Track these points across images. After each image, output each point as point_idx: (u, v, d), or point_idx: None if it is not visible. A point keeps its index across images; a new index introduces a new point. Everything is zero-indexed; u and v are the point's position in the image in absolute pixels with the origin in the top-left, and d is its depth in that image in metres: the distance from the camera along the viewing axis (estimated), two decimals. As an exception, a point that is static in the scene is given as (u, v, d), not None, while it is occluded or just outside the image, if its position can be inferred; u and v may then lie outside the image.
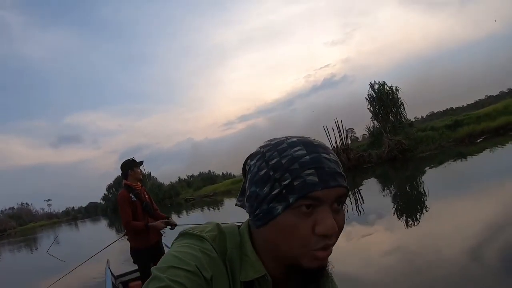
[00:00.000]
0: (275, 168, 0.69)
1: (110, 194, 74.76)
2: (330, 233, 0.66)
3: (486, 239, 5.20)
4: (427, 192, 10.43)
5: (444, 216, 7.34)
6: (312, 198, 0.66)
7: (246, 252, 0.74)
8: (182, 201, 46.75)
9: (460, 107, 54.64)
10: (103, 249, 5.88)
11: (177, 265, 0.66)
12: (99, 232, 31.68)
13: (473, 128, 21.17)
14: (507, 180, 8.79)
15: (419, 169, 17.01)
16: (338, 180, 0.68)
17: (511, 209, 6.41)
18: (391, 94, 26.49)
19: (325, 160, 0.68)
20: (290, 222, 0.67)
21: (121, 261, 7.02)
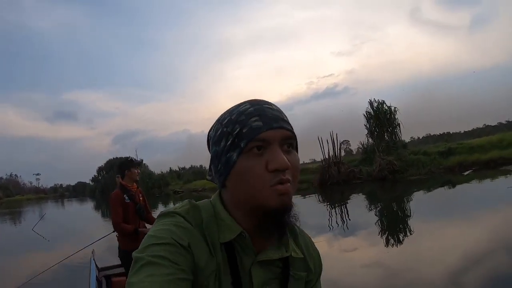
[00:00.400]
0: (227, 124, 0.77)
1: (100, 176, 74.55)
2: (282, 167, 0.71)
3: (461, 261, 5.57)
4: (411, 214, 10.73)
5: (425, 238, 7.61)
6: (260, 140, 0.72)
7: (220, 217, 0.79)
8: (171, 192, 46.66)
9: (457, 132, 54.86)
10: (90, 244, 5.78)
11: (154, 242, 0.70)
12: (86, 214, 31.57)
13: (464, 158, 21.30)
14: (490, 212, 9.25)
15: (407, 191, 17.12)
16: (280, 123, 0.75)
17: (489, 237, 6.80)
18: (388, 113, 26.65)
19: (268, 109, 0.76)
20: (245, 164, 0.73)
21: (105, 252, 7.01)
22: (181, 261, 0.68)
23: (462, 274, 5.10)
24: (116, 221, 3.89)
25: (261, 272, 0.80)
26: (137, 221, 4.01)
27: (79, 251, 6.02)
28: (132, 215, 3.97)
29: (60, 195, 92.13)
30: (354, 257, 6.91)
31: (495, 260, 5.53)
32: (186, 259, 0.69)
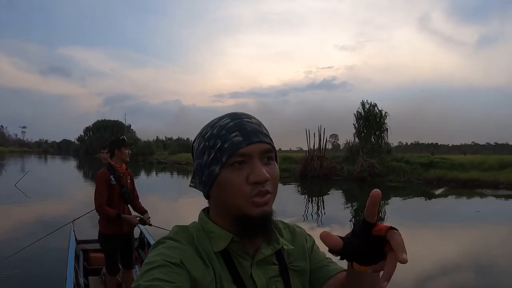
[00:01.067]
0: (209, 138, 0.79)
1: (86, 136, 74.06)
2: (261, 180, 0.74)
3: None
4: (385, 218, 11.03)
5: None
6: (240, 155, 0.75)
7: (209, 229, 0.82)
8: (155, 161, 46.60)
9: (445, 145, 55.51)
10: (71, 222, 5.63)
11: (147, 268, 0.71)
12: (68, 173, 31.43)
13: (444, 173, 21.46)
14: (462, 226, 10.00)
15: (386, 196, 17.37)
16: (259, 137, 0.77)
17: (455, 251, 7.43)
18: (378, 117, 26.76)
19: (247, 123, 0.79)
20: (227, 177, 0.76)
21: (84, 224, 6.93)
22: (176, 279, 0.69)
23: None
24: (99, 203, 3.65)
25: (261, 273, 0.82)
26: (121, 205, 3.81)
27: (58, 229, 5.86)
28: (117, 198, 3.77)
29: (44, 151, 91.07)
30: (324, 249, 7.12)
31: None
32: (180, 276, 0.70)
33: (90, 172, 29.26)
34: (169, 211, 10.91)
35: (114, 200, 3.73)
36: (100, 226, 3.80)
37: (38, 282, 5.27)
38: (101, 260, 4.36)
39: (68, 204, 11.77)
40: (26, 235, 7.18)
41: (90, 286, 4.34)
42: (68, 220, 5.85)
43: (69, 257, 4.18)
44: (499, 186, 18.75)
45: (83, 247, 5.01)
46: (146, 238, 5.05)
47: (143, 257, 4.96)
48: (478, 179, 20.03)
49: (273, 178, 0.78)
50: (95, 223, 3.99)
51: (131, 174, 4.06)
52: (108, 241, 3.77)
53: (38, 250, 6.09)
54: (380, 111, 26.96)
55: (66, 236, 5.26)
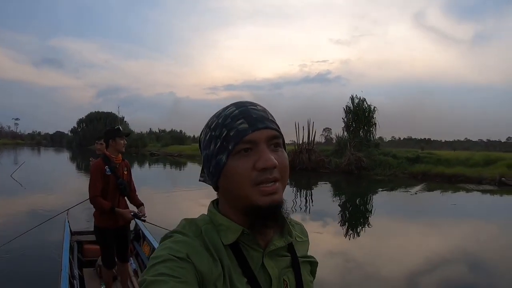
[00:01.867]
0: (215, 128, 0.78)
1: (79, 128, 73.51)
2: (269, 166, 0.73)
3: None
4: (368, 209, 11.69)
5: (381, 232, 8.52)
6: (247, 142, 0.74)
7: (218, 222, 0.80)
8: (147, 153, 46.55)
9: (438, 140, 55.50)
10: (66, 211, 5.60)
11: (153, 262, 0.70)
12: (61, 164, 31.32)
13: (429, 168, 21.66)
14: (435, 218, 10.25)
15: (370, 188, 17.67)
16: (265, 123, 0.76)
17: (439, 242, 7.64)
18: (367, 112, 26.89)
19: (252, 110, 0.77)
20: (234, 165, 0.74)
21: (79, 215, 6.89)
22: (182, 273, 0.68)
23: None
24: (93, 194, 3.51)
25: (273, 264, 0.81)
26: (116, 197, 3.67)
27: (52, 218, 5.85)
28: (112, 190, 3.62)
29: (37, 143, 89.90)
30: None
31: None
32: (186, 270, 0.69)
33: (83, 163, 29.14)
34: (161, 204, 10.85)
35: (108, 191, 3.59)
36: (95, 218, 3.69)
37: (32, 274, 5.16)
38: (96, 252, 4.30)
39: (61, 195, 11.71)
40: (19, 225, 7.14)
41: (84, 278, 4.26)
42: (62, 210, 5.85)
43: (63, 249, 4.12)
44: (482, 181, 18.99)
45: (77, 239, 4.92)
46: (142, 231, 4.99)
47: (138, 249, 4.94)
48: (462, 174, 20.26)
49: (282, 165, 0.76)
50: (90, 214, 3.91)
51: (128, 165, 3.92)
52: (103, 234, 3.64)
53: (32, 241, 6.05)
54: (369, 106, 27.13)
55: (60, 227, 5.21)
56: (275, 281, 0.79)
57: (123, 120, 64.54)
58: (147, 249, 4.71)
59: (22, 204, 10.55)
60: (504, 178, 18.61)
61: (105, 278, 3.87)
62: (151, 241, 4.60)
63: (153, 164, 32.07)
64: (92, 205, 3.58)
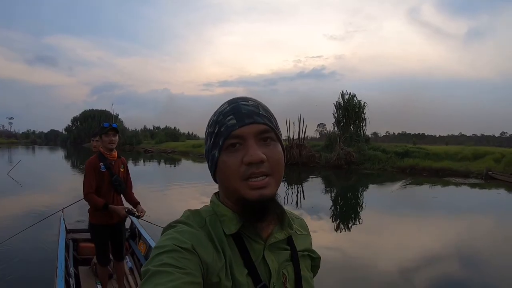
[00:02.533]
0: (210, 125, 0.82)
1: (74, 126, 73.15)
2: (253, 160, 0.74)
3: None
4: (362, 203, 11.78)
5: (372, 226, 8.75)
6: (234, 137, 0.76)
7: (222, 213, 0.81)
8: (142, 150, 46.54)
9: (432, 135, 55.15)
10: (62, 210, 5.58)
11: (157, 252, 0.70)
12: (56, 163, 31.20)
13: (417, 162, 21.85)
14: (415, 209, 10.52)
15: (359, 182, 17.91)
16: (254, 118, 0.77)
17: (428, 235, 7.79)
18: (357, 107, 27.03)
19: (243, 106, 0.79)
20: (224, 160, 0.77)
21: (74, 213, 6.83)
22: (186, 264, 0.68)
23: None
24: (87, 191, 3.46)
25: (274, 257, 0.82)
26: (111, 194, 3.61)
27: (47, 217, 5.87)
28: (106, 187, 3.57)
29: (32, 142, 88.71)
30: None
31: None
32: (191, 261, 0.69)
33: (78, 162, 29.15)
34: (154, 201, 10.81)
35: (103, 188, 3.54)
36: (89, 215, 3.64)
37: (28, 272, 5.08)
38: (91, 250, 4.27)
39: (57, 193, 11.78)
40: (15, 223, 7.20)
41: (80, 276, 4.21)
42: (57, 208, 5.82)
43: (59, 247, 4.07)
44: (469, 175, 19.17)
45: (73, 237, 4.89)
46: (137, 229, 4.95)
47: (134, 248, 4.90)
48: (450, 168, 20.47)
49: (272, 159, 0.77)
50: (85, 212, 3.86)
51: (125, 162, 3.85)
52: (97, 231, 3.60)
53: (27, 239, 6.02)
54: (359, 102, 27.26)
55: (55, 225, 5.16)
56: (274, 274, 0.80)
57: (117, 118, 64.39)
58: (143, 248, 4.67)
59: (18, 203, 10.61)
60: (491, 172, 18.79)
61: (100, 275, 3.84)
62: (147, 240, 4.57)
63: (147, 161, 32.07)
64: (86, 202, 3.55)
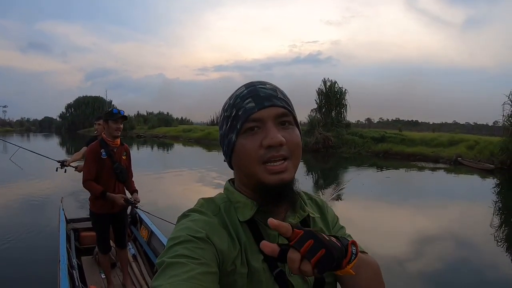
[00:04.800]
0: (227, 109, 0.80)
1: (68, 113, 72.77)
2: (274, 143, 0.72)
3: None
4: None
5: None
6: (253, 120, 0.74)
7: (236, 199, 0.80)
8: (134, 136, 46.96)
9: (425, 122, 54.69)
10: (61, 199, 5.39)
11: (172, 243, 0.69)
12: (52, 149, 31.52)
13: (390, 147, 22.69)
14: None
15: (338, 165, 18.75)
16: (273, 101, 0.76)
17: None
18: (339, 94, 27.71)
19: (261, 89, 0.77)
20: (242, 143, 0.75)
21: (73, 201, 6.62)
22: (201, 254, 0.67)
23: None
24: (86, 178, 3.35)
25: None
26: (112, 181, 3.47)
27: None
28: (106, 174, 3.43)
29: (26, 129, 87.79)
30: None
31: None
32: (206, 251, 0.68)
33: (72, 148, 29.50)
34: (148, 187, 10.51)
35: (102, 176, 3.42)
36: (90, 204, 3.55)
37: (30, 265, 4.83)
38: (93, 239, 4.15)
39: (54, 181, 11.38)
40: (13, 214, 7.26)
41: (83, 266, 4.08)
42: (55, 196, 5.62)
43: (60, 238, 3.97)
44: (439, 160, 19.88)
45: (73, 226, 4.74)
46: (138, 214, 4.89)
47: (136, 234, 4.81)
48: (421, 153, 21.17)
49: (291, 143, 0.75)
50: (83, 200, 3.81)
51: (127, 149, 3.73)
52: (98, 219, 3.51)
53: (27, 231, 5.94)
54: (340, 89, 27.93)
55: (54, 215, 4.99)
56: None
57: (111, 104, 64.44)
58: (144, 233, 4.59)
59: (18, 190, 10.60)
60: (460, 158, 19.34)
61: (102, 263, 3.73)
62: (149, 225, 4.51)
63: (141, 146, 32.32)
64: (86, 189, 3.45)
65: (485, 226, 7.61)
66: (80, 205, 6.05)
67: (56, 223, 4.63)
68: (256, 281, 0.74)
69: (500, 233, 7.29)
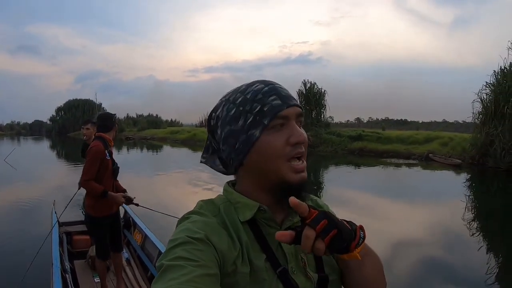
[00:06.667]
0: (243, 103, 0.76)
1: (58, 116, 72.14)
2: (301, 140, 0.73)
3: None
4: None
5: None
6: (281, 117, 0.73)
7: (236, 200, 0.79)
8: (123, 138, 47.28)
9: (415, 121, 54.53)
10: (53, 202, 5.32)
11: (171, 245, 0.68)
12: (44, 152, 31.50)
13: (365, 145, 23.47)
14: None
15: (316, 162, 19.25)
16: (293, 101, 0.76)
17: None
18: (318, 95, 28.60)
19: (280, 89, 0.77)
20: (268, 140, 0.73)
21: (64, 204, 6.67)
22: (199, 256, 0.65)
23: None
24: (88, 178, 3.26)
25: None
26: (111, 181, 3.48)
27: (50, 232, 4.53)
28: (108, 175, 3.43)
29: (17, 133, 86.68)
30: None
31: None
32: (205, 252, 0.67)
33: (63, 151, 29.79)
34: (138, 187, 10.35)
35: (104, 176, 3.37)
36: (88, 209, 3.43)
37: (22, 269, 4.21)
38: (86, 242, 4.17)
39: (50, 197, 10.90)
40: (4, 216, 7.22)
41: (76, 270, 4.00)
42: (47, 199, 5.53)
43: (52, 241, 3.91)
44: (410, 157, 20.61)
45: (66, 230, 4.65)
46: (132, 218, 4.81)
47: (129, 238, 4.73)
48: (394, 150, 21.90)
49: (306, 143, 0.76)
50: (75, 203, 3.72)
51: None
52: (98, 224, 3.41)
53: (18, 235, 5.84)
54: (320, 89, 28.83)
55: (46, 217, 4.86)
56: (291, 259, 0.76)
57: (101, 107, 64.70)
58: (138, 237, 4.53)
59: (9, 194, 10.29)
60: (431, 154, 19.92)
61: (99, 269, 3.64)
62: (143, 229, 4.45)
63: (131, 149, 32.39)
64: (85, 189, 3.38)
65: (445, 215, 8.35)
66: (73, 208, 5.90)
67: (49, 226, 4.55)
68: (259, 280, 0.73)
69: (455, 220, 7.95)
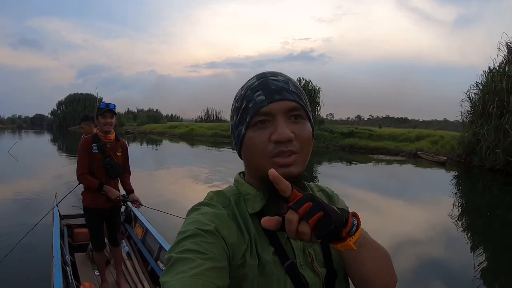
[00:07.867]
0: (238, 100, 0.78)
1: (59, 110, 73.23)
2: (282, 139, 0.69)
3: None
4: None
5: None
6: (263, 114, 0.72)
7: (246, 191, 0.79)
8: (123, 132, 47.72)
9: (415, 120, 53.87)
10: (55, 195, 5.30)
11: (180, 237, 0.67)
12: (45, 146, 31.79)
13: (355, 141, 23.96)
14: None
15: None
16: (283, 94, 0.73)
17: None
18: (312, 92, 29.02)
19: (272, 81, 0.75)
20: (251, 136, 0.73)
21: (67, 198, 6.51)
22: (207, 249, 0.65)
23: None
24: (81, 172, 3.28)
25: None
26: (102, 177, 3.36)
27: (45, 215, 4.63)
28: (97, 169, 3.34)
29: (18, 127, 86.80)
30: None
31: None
32: (214, 245, 0.66)
33: (63, 144, 30.05)
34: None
35: (93, 170, 3.33)
36: (83, 199, 3.45)
37: (23, 261, 4.54)
38: (86, 235, 4.11)
39: (52, 190, 10.66)
40: (5, 210, 7.22)
41: (76, 263, 4.00)
42: (50, 191, 5.52)
43: (54, 234, 3.91)
44: (399, 154, 20.98)
45: (67, 223, 4.64)
46: (133, 212, 4.81)
47: (130, 231, 4.71)
48: (384, 147, 22.35)
49: (301, 137, 0.72)
50: (77, 196, 3.75)
51: (124, 146, 3.60)
52: (91, 215, 3.40)
53: (19, 228, 5.69)
54: (314, 87, 29.34)
55: (48, 209, 4.84)
56: (299, 253, 0.76)
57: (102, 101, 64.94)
58: (139, 231, 4.52)
59: (11, 187, 10.08)
60: (419, 151, 20.26)
61: (97, 261, 3.63)
62: (144, 223, 4.45)
63: (131, 143, 32.59)
64: (81, 183, 3.40)
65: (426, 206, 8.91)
66: (74, 201, 5.90)
67: (50, 219, 4.53)
68: (267, 273, 0.72)
69: (433, 212, 8.49)
